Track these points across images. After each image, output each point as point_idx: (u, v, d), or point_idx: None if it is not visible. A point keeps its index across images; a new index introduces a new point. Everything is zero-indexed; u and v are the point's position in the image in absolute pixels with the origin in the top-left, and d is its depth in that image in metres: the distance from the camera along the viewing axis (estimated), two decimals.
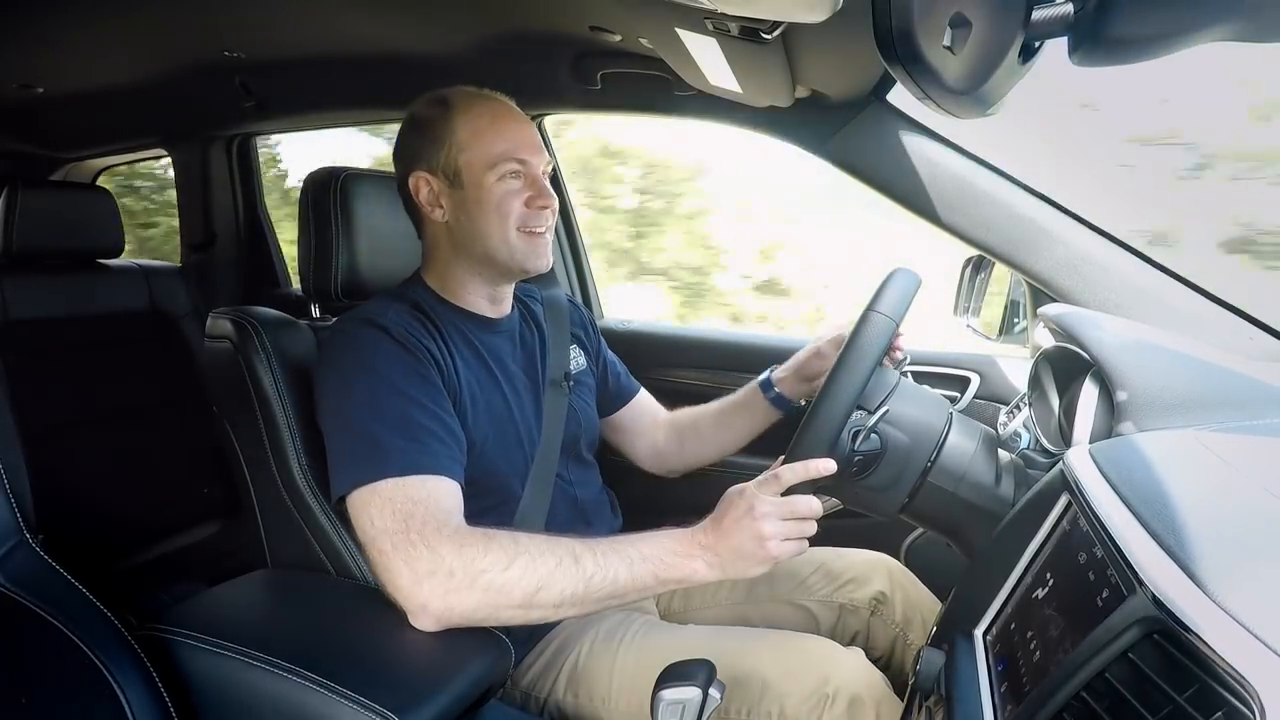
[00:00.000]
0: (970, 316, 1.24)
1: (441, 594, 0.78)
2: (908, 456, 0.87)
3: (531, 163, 0.98)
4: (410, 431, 0.86)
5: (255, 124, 2.00)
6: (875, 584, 1.10)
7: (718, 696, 0.69)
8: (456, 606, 0.78)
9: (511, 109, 1.02)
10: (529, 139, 0.99)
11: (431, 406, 0.89)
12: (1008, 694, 0.59)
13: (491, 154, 0.96)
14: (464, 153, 0.97)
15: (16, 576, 0.72)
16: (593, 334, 1.25)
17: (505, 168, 0.96)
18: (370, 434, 0.85)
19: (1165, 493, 0.60)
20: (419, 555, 0.79)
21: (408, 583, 0.79)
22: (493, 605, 0.79)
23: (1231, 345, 0.97)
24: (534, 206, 0.98)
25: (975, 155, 1.13)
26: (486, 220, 0.97)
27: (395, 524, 0.80)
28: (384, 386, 0.87)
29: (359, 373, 0.89)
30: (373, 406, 0.86)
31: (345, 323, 0.95)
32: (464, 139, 0.97)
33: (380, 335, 0.90)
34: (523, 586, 0.78)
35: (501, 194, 0.97)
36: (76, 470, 1.72)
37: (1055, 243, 1.08)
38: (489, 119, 0.98)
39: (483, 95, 1.01)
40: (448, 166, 0.98)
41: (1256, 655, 0.40)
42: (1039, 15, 0.52)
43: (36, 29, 1.37)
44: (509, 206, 0.97)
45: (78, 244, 1.78)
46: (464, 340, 1.00)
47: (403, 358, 0.89)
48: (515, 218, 0.97)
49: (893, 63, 0.53)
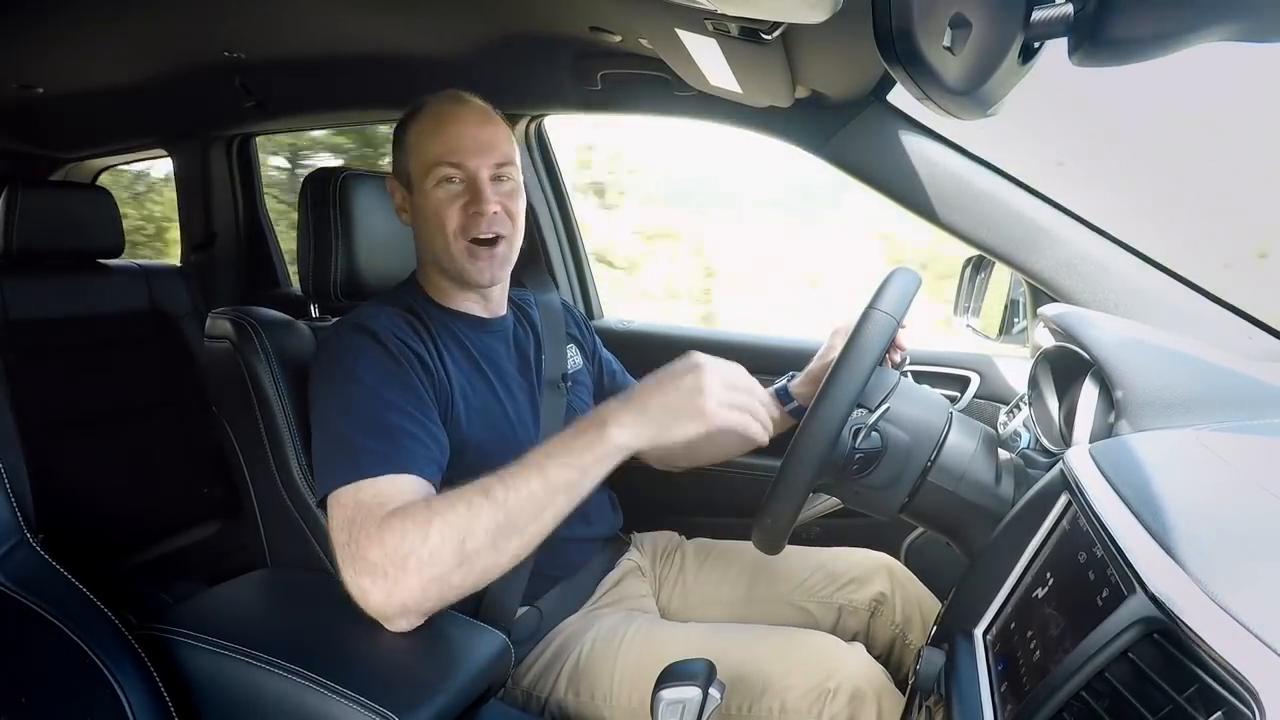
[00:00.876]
0: (970, 316, 1.24)
1: (385, 595, 0.75)
2: (908, 455, 0.87)
3: (470, 166, 0.94)
4: (382, 433, 0.83)
5: (255, 124, 2.00)
6: (875, 584, 1.10)
7: (718, 696, 0.69)
8: (404, 598, 0.75)
9: (465, 110, 0.97)
10: (470, 140, 0.94)
11: (409, 409, 0.86)
12: (1008, 694, 0.59)
13: (426, 159, 0.94)
14: (411, 158, 0.96)
15: (16, 576, 0.72)
16: (587, 333, 1.25)
17: (439, 173, 0.93)
18: (343, 437, 0.84)
19: (1165, 493, 0.60)
20: (357, 565, 0.76)
21: (359, 595, 0.76)
22: (435, 579, 0.75)
23: (1231, 345, 0.97)
24: (469, 214, 0.94)
25: (975, 155, 1.13)
26: (427, 228, 0.96)
27: (342, 535, 0.78)
28: (360, 390, 0.86)
29: (340, 378, 0.88)
30: (348, 410, 0.85)
31: (336, 328, 0.94)
32: (411, 143, 0.96)
33: (365, 340, 0.89)
34: (449, 547, 0.74)
35: (437, 201, 0.94)
36: (76, 470, 1.72)
37: (1055, 243, 1.08)
38: (433, 121, 0.95)
39: (446, 97, 0.98)
40: (403, 172, 0.98)
41: (1256, 655, 0.40)
42: (1039, 16, 0.52)
43: (36, 29, 1.37)
44: (444, 214, 0.94)
45: (78, 244, 1.78)
46: (455, 341, 0.99)
47: (384, 362, 0.88)
48: (453, 226, 0.94)
49: (893, 63, 0.53)
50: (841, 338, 1.13)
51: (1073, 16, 0.51)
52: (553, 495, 0.76)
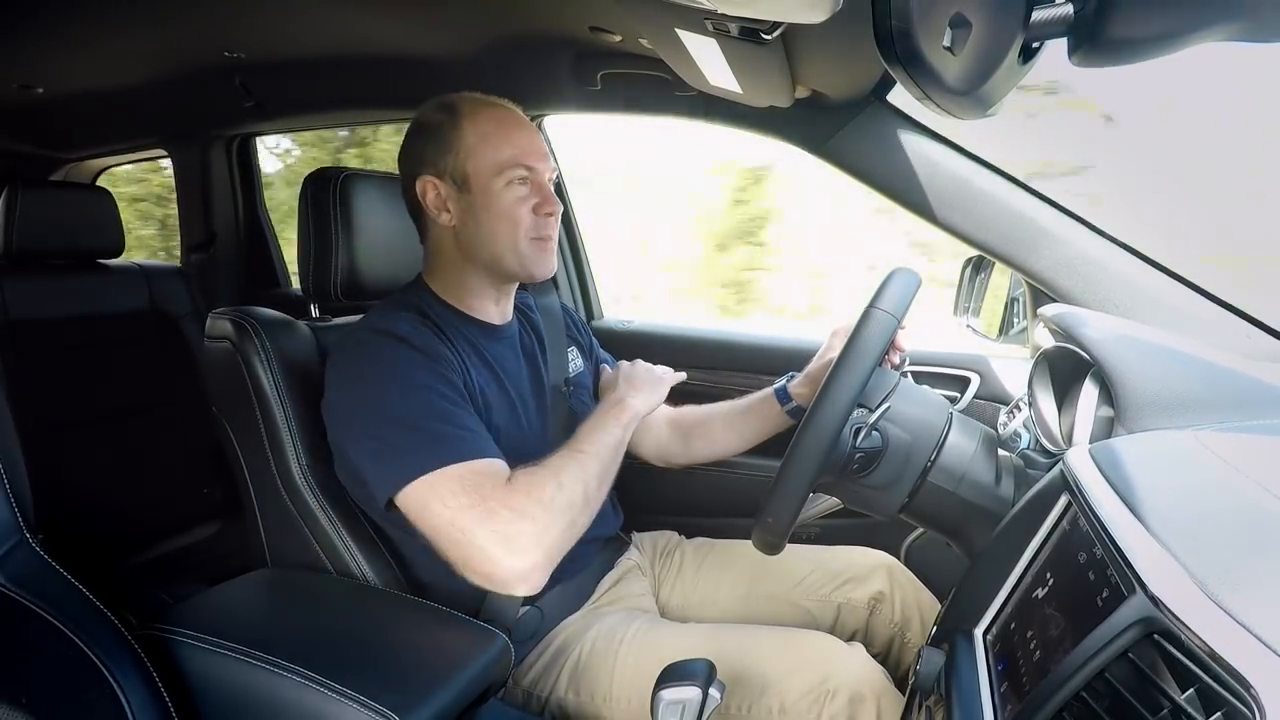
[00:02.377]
0: (970, 316, 1.24)
1: (536, 541, 0.82)
2: (908, 455, 0.87)
3: (538, 169, 0.99)
4: (457, 421, 0.88)
5: (255, 124, 2.00)
6: (874, 583, 1.10)
7: (718, 696, 0.69)
8: (551, 542, 0.83)
9: (519, 116, 1.02)
10: (536, 146, 0.99)
11: (465, 404, 0.91)
12: (1008, 694, 0.59)
13: (499, 160, 0.96)
14: (472, 158, 0.97)
15: (16, 576, 0.72)
16: (585, 333, 1.26)
17: (513, 174, 0.97)
18: (421, 427, 0.86)
19: (1165, 493, 0.60)
20: (503, 519, 0.82)
21: (502, 551, 0.81)
22: (572, 522, 0.86)
23: (1231, 345, 0.97)
24: (541, 213, 0.98)
25: (975, 155, 1.13)
26: (495, 226, 0.98)
27: (472, 499, 0.83)
28: (418, 387, 0.89)
29: (389, 379, 0.89)
30: (415, 404, 0.87)
31: (359, 332, 0.94)
32: (472, 144, 0.97)
33: (400, 345, 0.90)
34: (579, 490, 0.87)
35: (510, 200, 0.97)
36: (76, 470, 1.72)
37: (1055, 243, 1.08)
38: (496, 125, 0.98)
39: (490, 102, 1.01)
40: (456, 171, 0.98)
41: (1256, 655, 0.40)
42: (1039, 16, 0.52)
43: (36, 29, 1.37)
44: (518, 213, 0.97)
45: (78, 244, 1.78)
46: (471, 347, 1.00)
47: (426, 363, 0.90)
48: (525, 226, 0.98)
49: (893, 63, 0.53)
50: (840, 338, 1.13)
51: (1073, 16, 0.50)
52: (616, 449, 0.94)
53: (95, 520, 1.70)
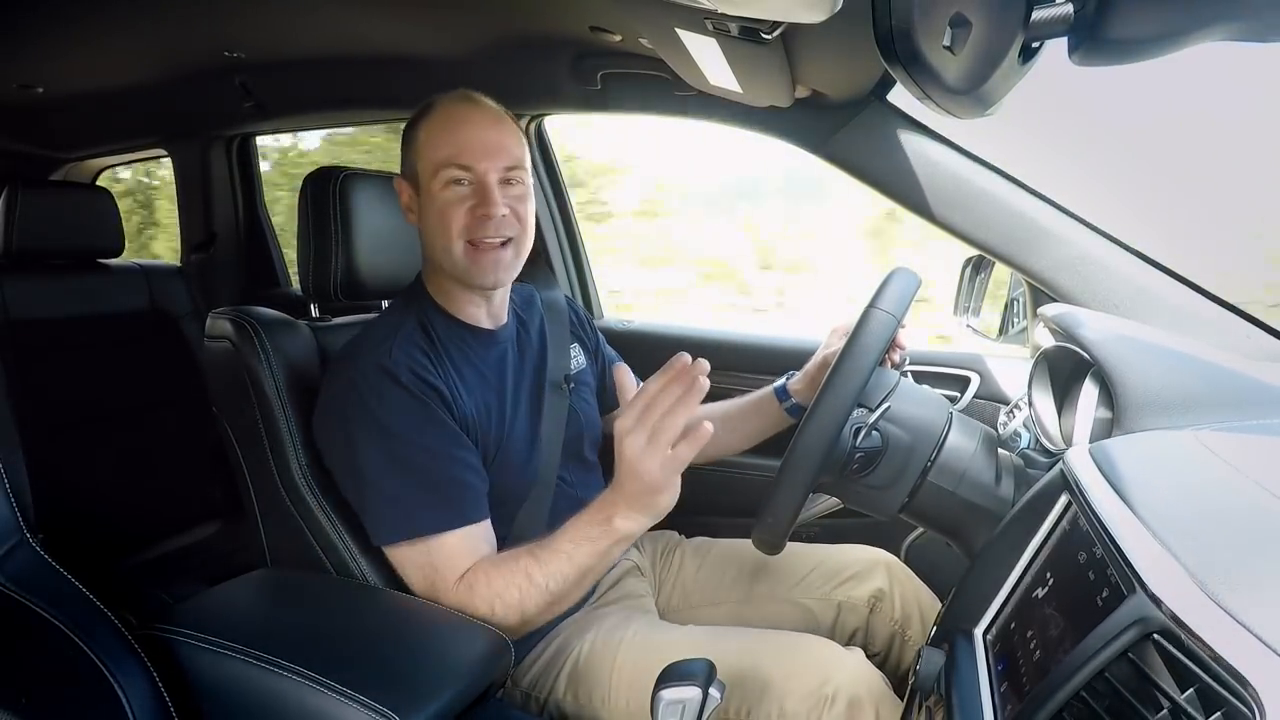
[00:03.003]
0: (970, 316, 1.24)
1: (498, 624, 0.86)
2: (908, 455, 0.87)
3: (478, 169, 0.93)
4: (431, 488, 0.89)
5: (255, 124, 2.00)
6: (874, 580, 1.10)
7: (718, 696, 0.69)
8: (514, 626, 0.88)
9: (476, 111, 0.97)
10: (479, 142, 0.94)
11: (449, 450, 0.91)
12: (1008, 694, 0.59)
13: (435, 159, 0.94)
14: (420, 157, 0.96)
15: (17, 576, 0.72)
16: (590, 329, 1.25)
17: (447, 174, 0.93)
18: (391, 494, 0.89)
19: (1165, 493, 0.60)
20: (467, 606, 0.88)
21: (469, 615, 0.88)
22: (547, 607, 0.88)
23: (1231, 345, 0.97)
24: (476, 216, 0.94)
25: (975, 155, 1.13)
26: (432, 229, 0.96)
27: (423, 587, 0.90)
28: (397, 443, 0.89)
29: (371, 428, 0.89)
30: (392, 464, 0.89)
31: (351, 361, 0.93)
32: (421, 143, 0.96)
33: (387, 384, 0.90)
34: (511, 620, 0.87)
35: (443, 202, 0.94)
36: (77, 470, 1.72)
37: (1055, 242, 1.08)
38: (443, 121, 0.95)
39: (457, 97, 0.98)
40: (410, 172, 0.98)
41: (1256, 655, 0.40)
42: (1039, 15, 0.52)
43: (37, 29, 1.37)
44: (450, 216, 0.94)
45: (78, 244, 1.78)
46: (465, 361, 0.99)
47: (411, 405, 0.90)
48: (458, 228, 0.94)
49: (893, 63, 0.53)
50: (840, 337, 1.13)
51: (1073, 16, 0.50)
52: (581, 577, 0.87)
53: (95, 520, 1.70)
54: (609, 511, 0.83)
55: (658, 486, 0.78)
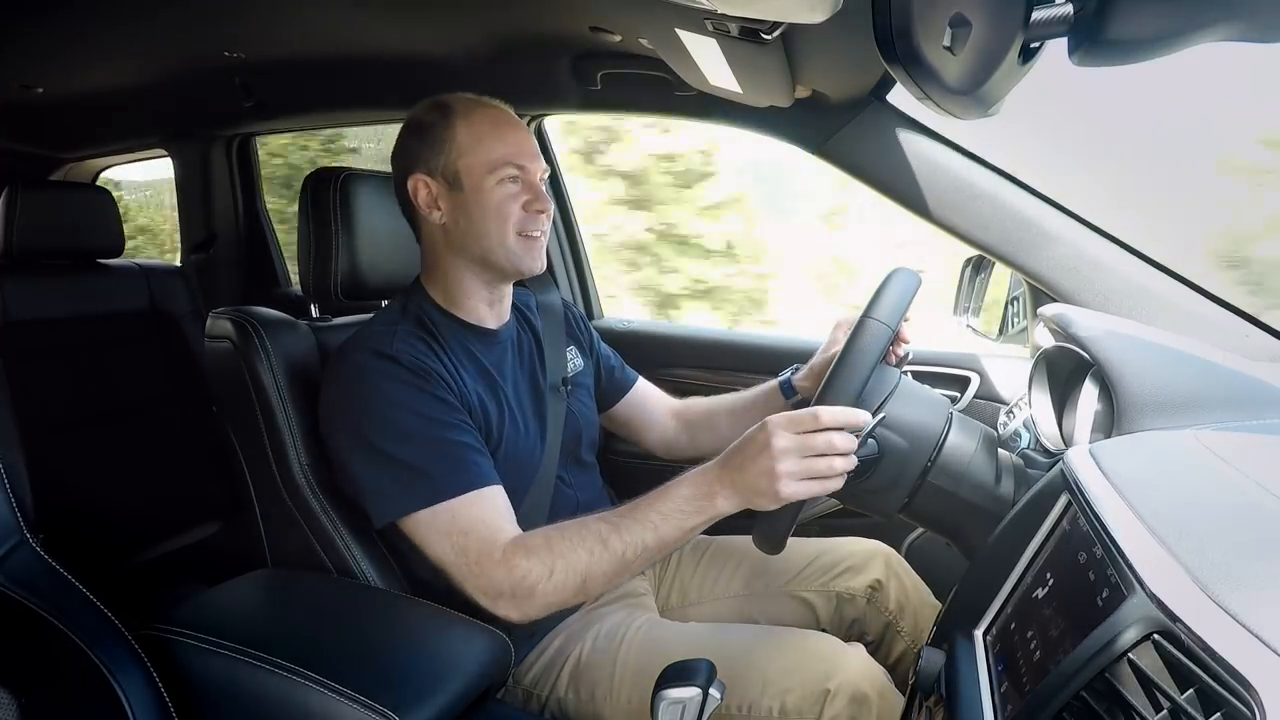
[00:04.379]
0: (970, 316, 1.24)
1: (514, 609, 0.86)
2: (907, 458, 0.87)
3: (529, 169, 1.00)
4: (445, 452, 0.89)
5: (255, 124, 2.00)
6: (871, 571, 1.10)
7: (718, 696, 0.69)
8: (531, 613, 0.87)
9: (511, 116, 1.03)
10: (528, 146, 1.01)
11: (457, 423, 0.92)
12: (1008, 694, 0.59)
13: (492, 158, 0.98)
14: (464, 157, 0.98)
15: (17, 576, 0.72)
16: (585, 330, 1.26)
17: (505, 172, 0.98)
18: (407, 462, 0.89)
19: (1165, 493, 0.60)
20: (483, 581, 0.87)
21: (487, 602, 0.87)
22: (557, 603, 0.87)
23: (1231, 345, 0.97)
24: (531, 210, 1.00)
25: (975, 155, 1.13)
26: (485, 223, 0.99)
27: (454, 556, 0.88)
28: (407, 414, 0.90)
29: (379, 404, 0.90)
30: (403, 435, 0.89)
31: (353, 352, 0.95)
32: (465, 143, 0.98)
33: (391, 366, 0.91)
34: (571, 584, 0.85)
35: (501, 198, 0.98)
36: (77, 470, 1.72)
37: (1055, 243, 1.08)
38: (490, 125, 1.00)
39: (484, 102, 1.02)
40: (447, 170, 0.99)
41: (1256, 655, 0.40)
42: (1039, 16, 0.52)
43: (36, 29, 1.37)
44: (507, 210, 0.99)
45: (78, 244, 1.78)
46: (467, 355, 1.00)
47: (417, 383, 0.92)
48: (514, 221, 0.99)
49: (893, 63, 0.53)
50: (843, 331, 1.13)
51: (1073, 16, 0.51)
52: (660, 549, 0.86)
53: (95, 520, 1.70)
54: (715, 488, 0.83)
55: (772, 491, 0.79)
